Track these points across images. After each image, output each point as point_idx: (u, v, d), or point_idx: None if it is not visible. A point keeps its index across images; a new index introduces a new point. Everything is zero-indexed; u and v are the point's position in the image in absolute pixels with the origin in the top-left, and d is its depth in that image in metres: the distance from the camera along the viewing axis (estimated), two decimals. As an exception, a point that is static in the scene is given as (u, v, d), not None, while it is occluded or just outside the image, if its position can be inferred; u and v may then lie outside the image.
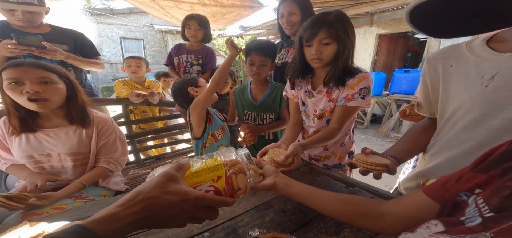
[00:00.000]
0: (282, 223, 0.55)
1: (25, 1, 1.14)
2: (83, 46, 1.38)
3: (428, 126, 0.66)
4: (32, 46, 1.10)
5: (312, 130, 0.91)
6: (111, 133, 0.94)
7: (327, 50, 0.72)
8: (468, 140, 0.48)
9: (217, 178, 0.36)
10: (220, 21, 3.38)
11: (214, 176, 0.36)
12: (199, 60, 1.64)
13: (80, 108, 0.85)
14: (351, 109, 0.77)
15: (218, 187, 0.36)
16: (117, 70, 7.98)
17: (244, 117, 1.18)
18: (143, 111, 1.78)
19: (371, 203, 0.41)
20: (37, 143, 0.80)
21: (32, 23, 1.20)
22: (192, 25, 1.55)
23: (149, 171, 1.46)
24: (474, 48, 0.50)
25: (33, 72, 0.71)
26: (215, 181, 0.35)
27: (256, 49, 0.99)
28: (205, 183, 0.35)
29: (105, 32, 8.08)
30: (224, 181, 0.36)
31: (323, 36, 0.70)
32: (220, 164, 0.37)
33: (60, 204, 0.76)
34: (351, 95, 0.74)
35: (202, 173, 0.36)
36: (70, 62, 1.28)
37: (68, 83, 0.81)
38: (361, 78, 0.74)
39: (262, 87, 1.13)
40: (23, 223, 0.46)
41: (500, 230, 0.17)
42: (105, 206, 0.60)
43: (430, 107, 0.63)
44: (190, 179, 0.35)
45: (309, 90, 0.87)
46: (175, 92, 1.03)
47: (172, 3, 2.68)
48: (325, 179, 0.78)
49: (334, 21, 0.70)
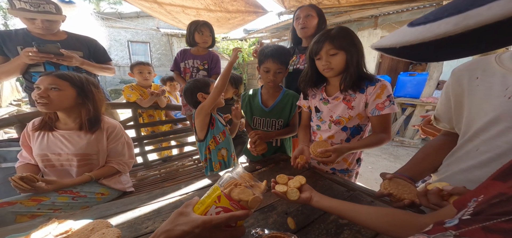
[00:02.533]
0: (285, 224, 0.58)
1: (44, 10, 1.21)
2: (96, 52, 1.45)
3: (443, 143, 0.64)
4: (50, 54, 1.18)
5: (326, 135, 0.93)
6: (120, 137, 1.03)
7: (336, 60, 0.79)
8: (486, 151, 0.47)
9: (218, 198, 0.40)
10: (225, 26, 3.44)
11: (214, 198, 0.40)
12: (204, 65, 1.68)
13: (89, 114, 0.93)
14: (387, 116, 0.82)
15: (224, 205, 0.39)
16: (124, 73, 8.19)
17: (252, 123, 1.18)
18: (150, 115, 1.84)
19: (408, 215, 0.41)
20: (53, 143, 0.90)
21: (50, 31, 1.27)
22: (205, 31, 1.62)
23: (156, 172, 1.51)
24: (504, 61, 0.48)
25: (50, 81, 0.84)
26: (218, 202, 0.40)
27: (273, 56, 0.99)
28: (211, 207, 0.40)
29: (113, 36, 8.32)
30: (225, 198, 0.40)
31: (328, 47, 0.78)
32: (216, 187, 0.42)
33: (41, 196, 0.81)
34: (382, 103, 0.79)
35: (206, 200, 0.41)
36: (85, 68, 1.35)
37: (80, 91, 0.91)
38: (383, 86, 0.79)
39: (273, 93, 1.13)
40: (52, 221, 0.51)
41: (466, 231, 0.19)
42: (106, 210, 0.66)
43: (451, 121, 0.61)
44: (198, 209, 0.40)
45: (324, 97, 0.91)
46: (186, 92, 1.05)
47: (179, 8, 2.77)
48: (327, 183, 0.80)
49: (336, 34, 0.77)
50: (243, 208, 0.40)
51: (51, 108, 0.85)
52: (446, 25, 0.16)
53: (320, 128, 0.95)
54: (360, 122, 0.88)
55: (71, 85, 0.88)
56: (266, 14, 2.95)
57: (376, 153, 3.04)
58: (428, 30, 0.17)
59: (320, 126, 0.95)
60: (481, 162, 0.48)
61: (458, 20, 0.16)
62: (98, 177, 0.96)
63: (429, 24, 0.18)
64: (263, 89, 1.17)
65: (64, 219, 0.51)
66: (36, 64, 1.21)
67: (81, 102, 0.92)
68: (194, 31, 1.61)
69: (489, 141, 0.47)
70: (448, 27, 0.16)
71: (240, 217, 0.39)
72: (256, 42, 8.04)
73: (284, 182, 0.61)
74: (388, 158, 2.89)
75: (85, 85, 0.93)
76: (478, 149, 0.49)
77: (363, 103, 0.83)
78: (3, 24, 6.59)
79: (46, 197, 0.81)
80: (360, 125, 0.89)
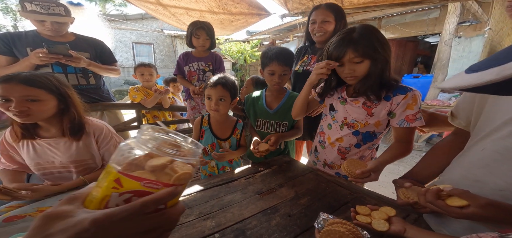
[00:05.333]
0: (287, 227, 0.58)
1: (53, 13, 1.25)
2: (102, 54, 1.48)
3: (452, 143, 0.62)
4: (59, 55, 1.20)
5: (335, 137, 0.88)
6: (109, 139, 0.96)
7: (360, 68, 0.72)
8: (491, 151, 0.47)
9: (117, 182, 0.25)
10: (228, 28, 3.47)
11: (110, 182, 0.25)
12: (209, 66, 1.69)
13: (72, 121, 0.85)
14: (414, 129, 0.77)
15: (132, 189, 0.25)
16: (128, 74, 8.30)
17: (256, 125, 1.17)
18: (154, 116, 1.86)
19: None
20: (42, 152, 0.85)
21: (59, 33, 1.31)
22: (201, 35, 1.56)
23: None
24: None
25: (21, 90, 0.72)
26: (120, 187, 0.25)
27: (278, 59, 0.97)
28: (110, 196, 0.25)
29: (118, 37, 8.47)
30: (129, 178, 0.25)
31: (352, 55, 0.70)
32: (108, 166, 0.27)
33: (48, 207, 0.76)
34: (413, 115, 0.73)
35: (99, 189, 0.26)
36: (91, 69, 1.38)
37: (60, 97, 0.82)
38: (415, 98, 0.73)
39: (278, 96, 1.12)
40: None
41: None
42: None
43: (468, 118, 0.59)
44: (91, 202, 0.25)
45: (342, 96, 0.86)
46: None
47: (183, 10, 2.80)
48: (330, 186, 0.80)
49: (359, 39, 0.69)
50: (167, 185, 0.26)
51: (32, 119, 0.77)
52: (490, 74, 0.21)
53: (331, 128, 0.91)
54: (376, 129, 0.82)
55: (48, 92, 0.78)
56: (269, 16, 2.96)
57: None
58: (474, 78, 0.23)
59: (331, 125, 0.90)
60: (484, 161, 0.48)
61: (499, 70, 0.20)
62: (93, 180, 0.91)
63: (479, 72, 0.23)
64: (267, 91, 1.16)
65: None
66: (44, 65, 1.24)
67: (63, 109, 0.83)
68: (191, 35, 1.58)
69: (498, 140, 0.46)
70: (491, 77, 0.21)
71: (163, 198, 0.25)
72: (258, 43, 8.07)
73: (366, 213, 0.56)
74: (391, 161, 2.86)
75: (61, 89, 0.82)
76: (483, 149, 0.49)
77: (385, 111, 0.77)
78: (13, 26, 6.77)
79: (50, 206, 0.77)
80: (376, 132, 0.83)
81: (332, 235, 0.46)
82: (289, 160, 1.07)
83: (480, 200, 0.42)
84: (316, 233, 0.51)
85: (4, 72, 1.25)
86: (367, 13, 3.80)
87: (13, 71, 1.24)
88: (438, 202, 0.46)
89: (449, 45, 3.38)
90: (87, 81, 1.41)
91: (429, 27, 4.12)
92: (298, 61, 1.36)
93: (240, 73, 8.37)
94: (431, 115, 0.80)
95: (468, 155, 0.53)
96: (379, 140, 0.87)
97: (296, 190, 0.77)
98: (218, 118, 1.07)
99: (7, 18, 6.79)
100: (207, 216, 0.63)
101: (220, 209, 0.66)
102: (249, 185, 0.81)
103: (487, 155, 0.47)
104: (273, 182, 0.83)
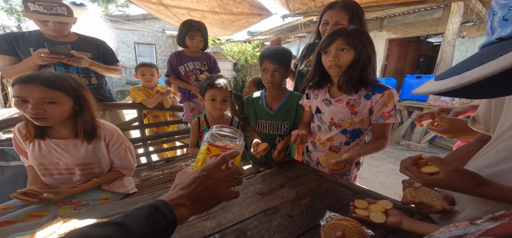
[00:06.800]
0: (289, 227, 0.57)
1: (56, 13, 1.26)
2: (104, 54, 1.48)
3: (473, 149, 0.60)
4: (62, 55, 1.21)
5: (325, 137, 0.93)
6: (120, 144, 0.97)
7: (344, 57, 0.76)
8: (504, 149, 0.46)
9: (208, 150, 0.46)
10: (229, 28, 3.47)
11: (205, 152, 0.46)
12: (205, 66, 1.67)
13: (86, 123, 0.85)
14: (390, 125, 0.83)
15: (215, 153, 0.46)
16: (130, 75, 8.35)
17: (257, 126, 1.16)
18: (155, 115, 1.87)
19: None
20: (47, 152, 0.84)
21: (61, 33, 1.32)
22: (196, 36, 1.53)
23: (159, 173, 1.52)
24: None
25: (40, 92, 0.71)
26: (210, 152, 0.46)
27: (270, 57, 1.01)
28: (205, 160, 0.46)
29: (120, 38, 8.52)
30: (214, 147, 0.46)
31: (341, 42, 0.76)
32: (203, 144, 0.49)
33: (40, 211, 0.79)
34: (388, 112, 0.79)
35: (199, 158, 0.47)
36: (93, 69, 1.38)
37: (76, 99, 0.82)
38: (391, 96, 0.79)
39: (277, 96, 1.12)
40: (57, 220, 0.52)
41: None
42: (110, 210, 0.66)
43: (488, 123, 0.58)
44: (196, 166, 0.46)
45: (326, 98, 0.90)
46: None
47: (185, 11, 2.81)
48: (331, 186, 0.79)
49: (351, 32, 0.76)
50: (229, 149, 0.47)
51: (49, 123, 0.77)
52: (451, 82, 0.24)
53: (320, 129, 0.95)
54: (361, 126, 0.87)
55: (66, 95, 0.78)
56: (270, 16, 2.95)
57: (381, 156, 2.99)
58: (439, 85, 0.26)
59: (320, 127, 0.94)
60: (497, 160, 0.47)
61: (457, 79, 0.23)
62: (105, 182, 0.94)
63: (444, 79, 0.25)
64: (267, 92, 1.15)
65: (69, 219, 0.52)
66: (47, 65, 1.25)
67: (78, 110, 0.83)
68: (185, 36, 1.53)
69: (508, 139, 0.46)
70: (452, 83, 0.23)
71: (231, 155, 0.44)
72: (259, 44, 8.07)
73: (364, 206, 0.59)
74: (393, 162, 2.84)
75: (78, 91, 0.82)
76: (496, 148, 0.49)
77: (367, 109, 0.82)
78: (17, 26, 6.86)
79: (47, 211, 0.78)
80: (361, 129, 0.88)
81: (336, 228, 0.48)
82: (290, 160, 1.07)
83: (448, 167, 0.43)
84: (321, 230, 0.52)
85: (7, 72, 1.26)
86: (369, 13, 3.78)
87: (16, 71, 1.26)
88: (412, 168, 0.47)
89: (452, 45, 3.35)
90: (89, 81, 1.42)
91: (432, 27, 4.08)
92: (304, 60, 1.34)
93: (241, 74, 8.37)
94: (453, 122, 0.74)
95: (482, 156, 0.52)
96: (365, 136, 0.92)
97: (297, 190, 0.76)
98: (215, 116, 1.12)
99: (11, 19, 6.89)
100: (208, 216, 0.62)
101: (220, 209, 0.66)
102: (249, 185, 0.81)
103: (499, 153, 0.47)
104: (274, 182, 0.82)
